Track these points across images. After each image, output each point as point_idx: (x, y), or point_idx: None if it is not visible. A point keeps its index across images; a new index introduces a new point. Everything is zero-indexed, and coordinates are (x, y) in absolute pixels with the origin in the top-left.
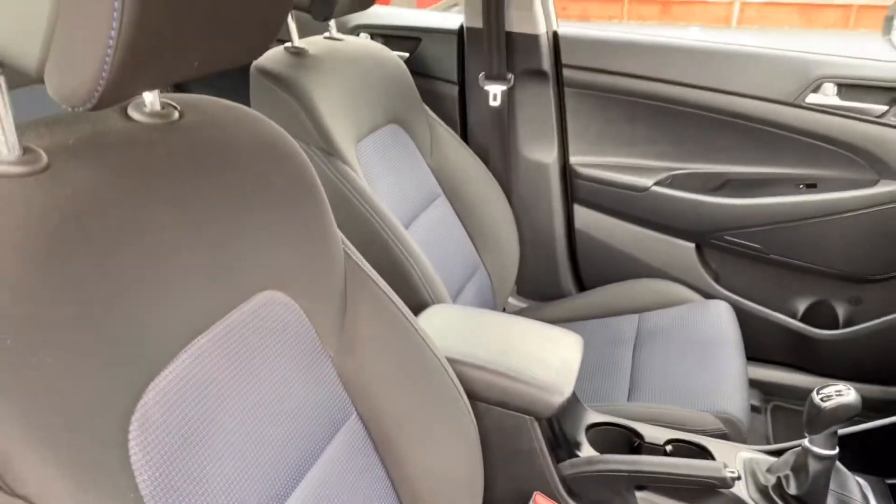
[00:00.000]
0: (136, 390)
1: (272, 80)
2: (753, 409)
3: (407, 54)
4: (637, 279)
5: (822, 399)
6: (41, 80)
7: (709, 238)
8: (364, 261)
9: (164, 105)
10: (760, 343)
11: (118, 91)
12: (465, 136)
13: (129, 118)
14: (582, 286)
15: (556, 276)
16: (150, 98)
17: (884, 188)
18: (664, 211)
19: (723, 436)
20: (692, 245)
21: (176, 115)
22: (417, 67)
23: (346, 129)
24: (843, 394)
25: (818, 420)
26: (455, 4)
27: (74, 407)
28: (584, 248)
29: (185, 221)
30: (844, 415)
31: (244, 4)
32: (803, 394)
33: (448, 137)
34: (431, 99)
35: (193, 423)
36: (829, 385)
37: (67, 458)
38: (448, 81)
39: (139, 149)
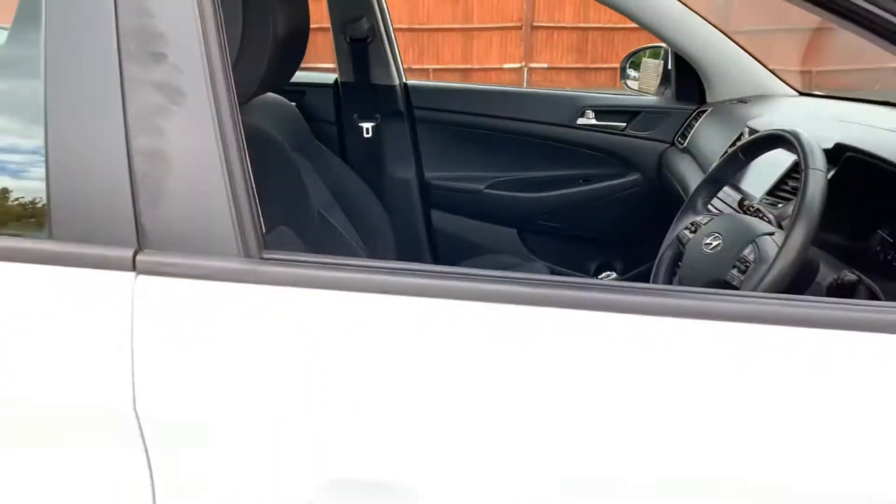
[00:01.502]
0: None
1: None
2: None
3: (294, 103)
4: (479, 257)
5: None
6: None
7: (525, 223)
8: None
9: None
10: None
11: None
12: (344, 161)
13: None
14: None
15: (421, 262)
16: None
17: (629, 177)
18: (493, 207)
19: None
20: (514, 230)
21: None
22: (303, 112)
23: None
24: None
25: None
26: None
27: None
28: (440, 240)
29: None
30: None
31: None
32: None
33: (335, 161)
34: (315, 135)
35: None
36: None
37: None
38: (327, 122)
39: None
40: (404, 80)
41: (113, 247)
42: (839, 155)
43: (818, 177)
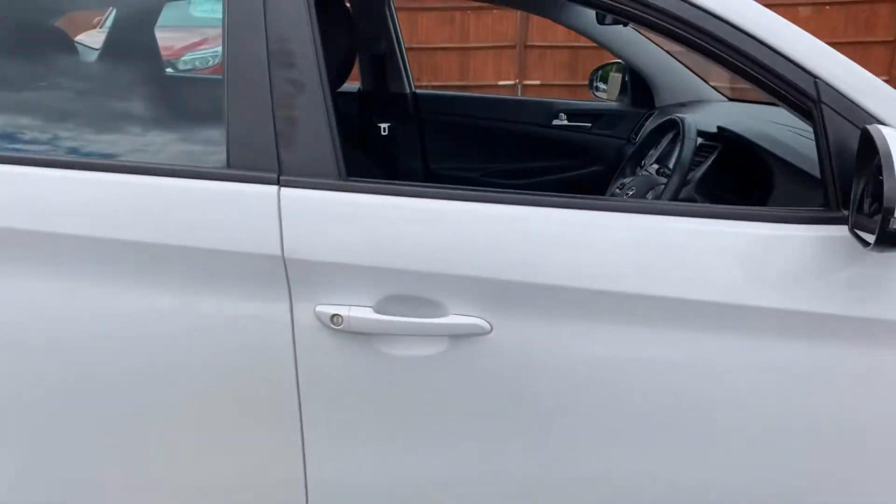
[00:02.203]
0: None
1: None
2: None
3: None
4: None
5: None
6: None
7: None
8: None
9: None
10: None
11: None
12: (365, 154)
13: None
14: None
15: None
16: None
17: (594, 168)
18: None
19: None
20: None
21: None
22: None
23: None
24: None
25: None
26: None
27: None
28: None
29: None
30: None
31: None
32: None
33: (358, 153)
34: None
35: None
36: None
37: None
38: (351, 122)
39: None
40: (414, 90)
41: (265, 172)
42: (722, 135)
43: (689, 144)
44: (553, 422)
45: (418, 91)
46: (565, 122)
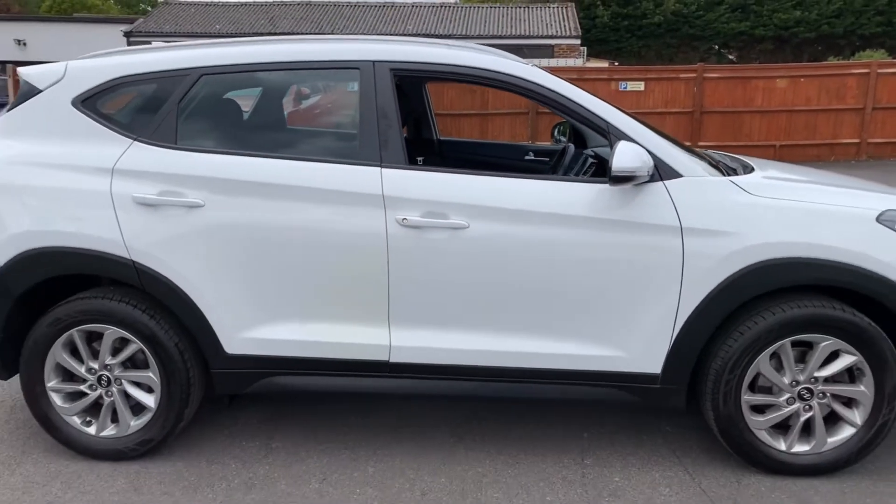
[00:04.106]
0: None
1: None
2: None
3: None
4: None
5: None
6: None
7: None
8: None
9: None
10: None
11: None
12: None
13: None
14: None
15: None
16: None
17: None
18: None
19: None
20: None
21: None
22: None
23: None
24: None
25: None
26: None
27: None
28: None
29: None
30: None
31: None
32: None
33: None
34: None
35: None
36: None
37: None
38: None
39: None
40: (439, 137)
41: (375, 161)
42: (597, 154)
43: (578, 159)
44: (509, 274)
45: (443, 138)
46: (532, 157)
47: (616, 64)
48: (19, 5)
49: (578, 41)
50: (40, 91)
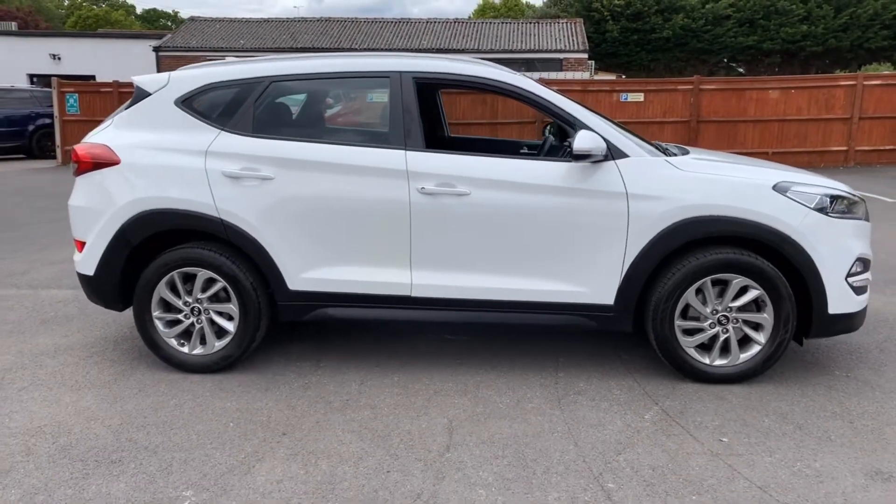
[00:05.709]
0: None
1: None
2: None
3: None
4: None
5: None
6: None
7: None
8: None
9: None
10: None
11: None
12: None
13: None
14: None
15: None
16: None
17: None
18: None
19: None
20: None
21: None
22: None
23: None
24: None
25: None
26: None
27: None
28: None
29: None
30: None
31: None
32: None
33: None
34: None
35: None
36: None
37: None
38: None
39: None
40: (449, 134)
41: (400, 146)
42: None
43: (554, 147)
44: (497, 231)
45: (451, 135)
46: (526, 150)
47: (623, 77)
48: (45, 20)
49: (586, 55)
50: (150, 94)
